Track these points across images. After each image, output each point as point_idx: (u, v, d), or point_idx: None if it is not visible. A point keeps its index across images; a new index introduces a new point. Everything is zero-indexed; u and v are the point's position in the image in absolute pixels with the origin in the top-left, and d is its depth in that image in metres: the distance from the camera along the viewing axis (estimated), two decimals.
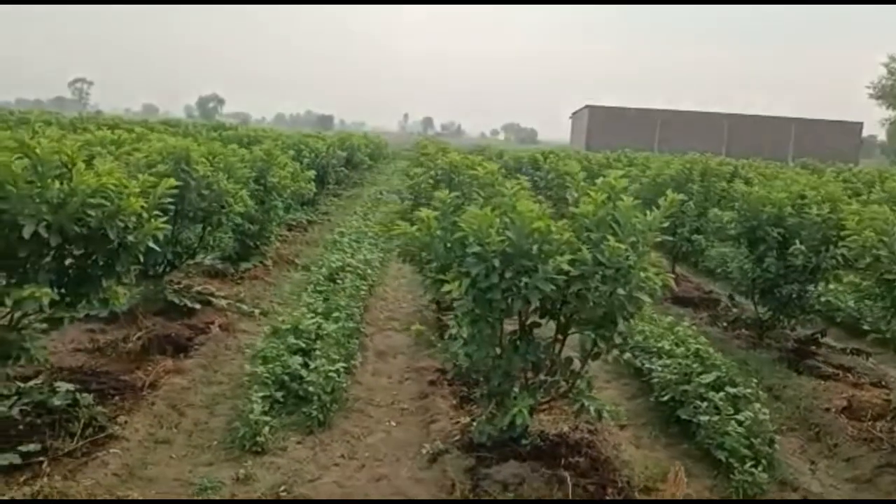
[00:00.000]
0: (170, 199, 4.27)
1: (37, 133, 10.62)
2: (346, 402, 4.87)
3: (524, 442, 4.07)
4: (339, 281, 7.73)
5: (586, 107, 65.67)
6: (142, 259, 4.00)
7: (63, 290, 3.84)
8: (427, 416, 4.77)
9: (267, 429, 4.11)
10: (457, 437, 4.26)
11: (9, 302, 3.60)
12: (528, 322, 3.94)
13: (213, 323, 6.50)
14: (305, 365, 4.93)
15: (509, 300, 3.60)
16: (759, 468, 3.92)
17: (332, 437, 4.38)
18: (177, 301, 6.60)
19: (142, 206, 3.85)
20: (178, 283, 7.40)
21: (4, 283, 3.74)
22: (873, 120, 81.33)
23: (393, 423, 4.70)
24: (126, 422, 4.21)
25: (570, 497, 3.65)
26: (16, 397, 4.17)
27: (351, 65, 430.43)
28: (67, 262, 3.83)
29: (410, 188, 6.61)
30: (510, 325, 4.00)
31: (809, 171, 17.93)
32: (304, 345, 5.25)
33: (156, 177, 4.29)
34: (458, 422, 4.58)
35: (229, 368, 5.58)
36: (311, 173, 10.64)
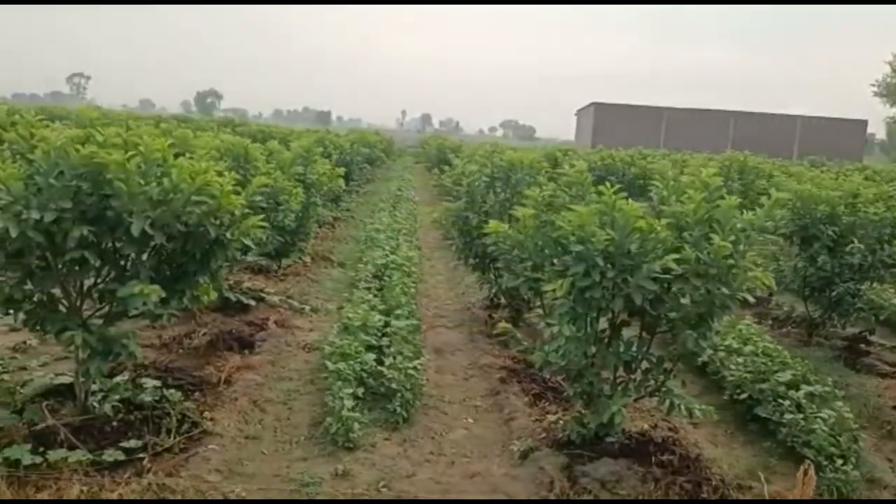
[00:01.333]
0: (260, 197, 4.28)
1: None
2: (422, 398, 4.89)
3: (610, 440, 4.10)
4: (385, 278, 7.75)
5: (592, 104, 65.59)
6: (238, 256, 4.02)
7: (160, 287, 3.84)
8: (503, 413, 4.79)
9: (357, 425, 4.12)
10: (542, 435, 4.29)
11: (108, 299, 3.63)
12: (619, 321, 3.95)
13: (268, 319, 6.53)
14: (380, 361, 4.94)
15: (610, 299, 3.62)
16: (849, 466, 3.95)
17: (417, 434, 4.40)
18: (232, 298, 6.62)
19: (241, 204, 3.86)
20: (227, 279, 7.42)
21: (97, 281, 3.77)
22: (876, 118, 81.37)
23: (470, 420, 4.72)
24: (213, 418, 4.23)
25: (668, 496, 3.67)
26: (103, 394, 4.18)
27: (348, 61, 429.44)
28: (164, 258, 3.84)
29: (466, 186, 6.61)
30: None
31: (820, 169, 17.89)
32: (374, 342, 5.26)
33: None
34: (537, 419, 4.60)
35: (294, 364, 5.61)
36: (342, 170, 10.66)
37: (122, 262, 3.68)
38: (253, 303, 6.74)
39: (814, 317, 6.97)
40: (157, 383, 4.39)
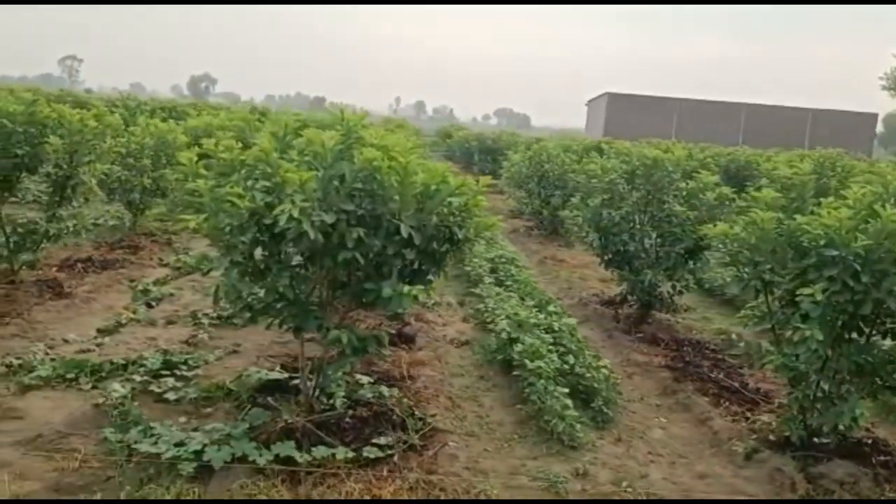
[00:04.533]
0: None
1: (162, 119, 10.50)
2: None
3: (825, 441, 4.15)
4: (501, 272, 7.77)
5: (605, 94, 65.46)
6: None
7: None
8: (693, 413, 4.83)
9: (579, 425, 4.17)
10: (753, 436, 4.33)
11: (364, 298, 3.66)
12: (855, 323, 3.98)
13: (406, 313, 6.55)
14: (563, 360, 4.97)
15: (859, 304, 3.66)
16: None
17: (622, 433, 4.45)
18: None
19: (476, 206, 3.87)
20: None
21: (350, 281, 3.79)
22: (882, 111, 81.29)
23: (663, 420, 4.76)
24: (434, 414, 4.27)
25: None
26: (327, 391, 4.21)
27: (340, 47, 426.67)
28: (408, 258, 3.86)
29: (605, 183, 6.61)
30: None
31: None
32: (550, 339, 5.28)
33: None
34: (734, 419, 4.66)
35: (453, 359, 5.65)
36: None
37: (376, 262, 3.70)
38: None
39: None
40: (370, 379, 4.42)
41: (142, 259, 8.05)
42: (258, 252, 3.58)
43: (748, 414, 4.78)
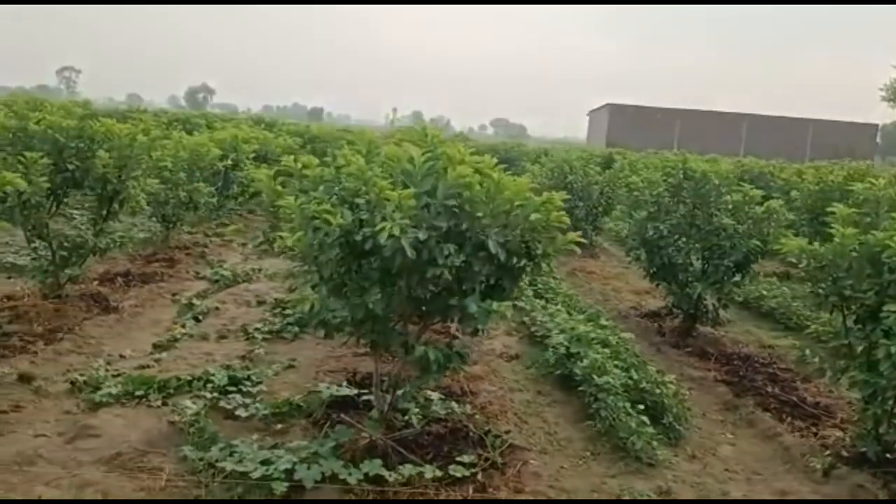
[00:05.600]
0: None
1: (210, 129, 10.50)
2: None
3: (889, 456, 4.14)
4: (540, 284, 7.76)
5: (607, 105, 65.84)
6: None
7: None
8: (758, 429, 4.81)
9: (655, 443, 4.14)
10: (827, 452, 4.31)
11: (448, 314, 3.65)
12: None
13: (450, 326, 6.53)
14: (627, 375, 4.94)
15: None
16: None
17: (694, 449, 4.42)
18: None
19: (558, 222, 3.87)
20: None
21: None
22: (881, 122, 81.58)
23: (729, 436, 4.74)
24: (508, 430, 4.25)
25: None
26: (398, 409, 4.19)
27: (337, 57, 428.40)
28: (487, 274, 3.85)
29: (651, 196, 6.62)
30: None
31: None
32: (608, 353, 5.26)
33: None
34: (803, 435, 4.63)
35: (506, 373, 5.62)
36: None
37: (457, 278, 3.68)
38: None
39: None
40: (439, 395, 4.40)
41: (178, 272, 8.03)
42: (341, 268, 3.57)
43: (813, 429, 4.76)
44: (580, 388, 4.83)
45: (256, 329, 5.97)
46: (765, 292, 8.29)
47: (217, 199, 10.60)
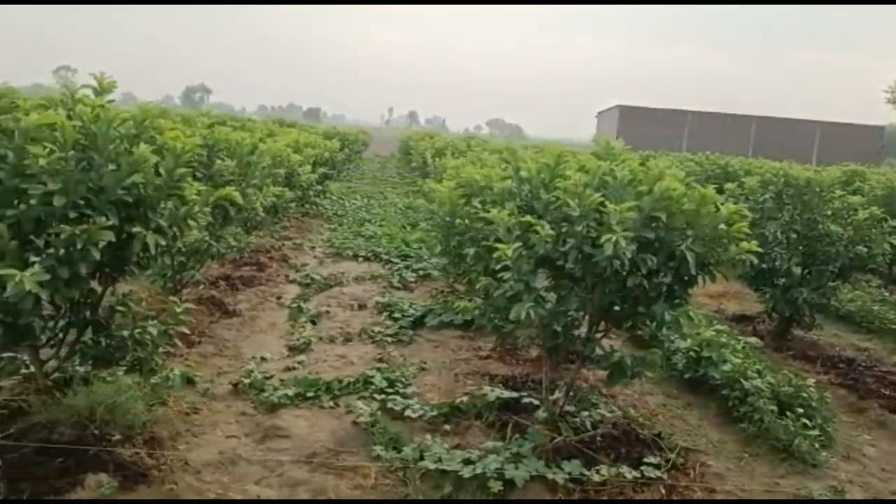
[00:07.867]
0: None
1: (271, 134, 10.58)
2: None
3: None
4: None
5: (616, 106, 66.05)
6: None
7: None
8: (892, 430, 4.96)
9: (817, 444, 4.29)
10: None
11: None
12: None
13: None
14: (763, 377, 5.09)
15: None
16: None
17: (847, 450, 4.56)
18: None
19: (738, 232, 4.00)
20: None
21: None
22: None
23: (867, 437, 4.88)
24: (672, 434, 4.39)
25: None
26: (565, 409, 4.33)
27: (333, 58, 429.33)
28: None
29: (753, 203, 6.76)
30: None
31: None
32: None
33: None
34: None
35: None
36: None
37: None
38: None
39: None
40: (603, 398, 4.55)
41: (270, 276, 8.17)
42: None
43: None
44: (722, 392, 4.97)
45: (378, 332, 6.11)
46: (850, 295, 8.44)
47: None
